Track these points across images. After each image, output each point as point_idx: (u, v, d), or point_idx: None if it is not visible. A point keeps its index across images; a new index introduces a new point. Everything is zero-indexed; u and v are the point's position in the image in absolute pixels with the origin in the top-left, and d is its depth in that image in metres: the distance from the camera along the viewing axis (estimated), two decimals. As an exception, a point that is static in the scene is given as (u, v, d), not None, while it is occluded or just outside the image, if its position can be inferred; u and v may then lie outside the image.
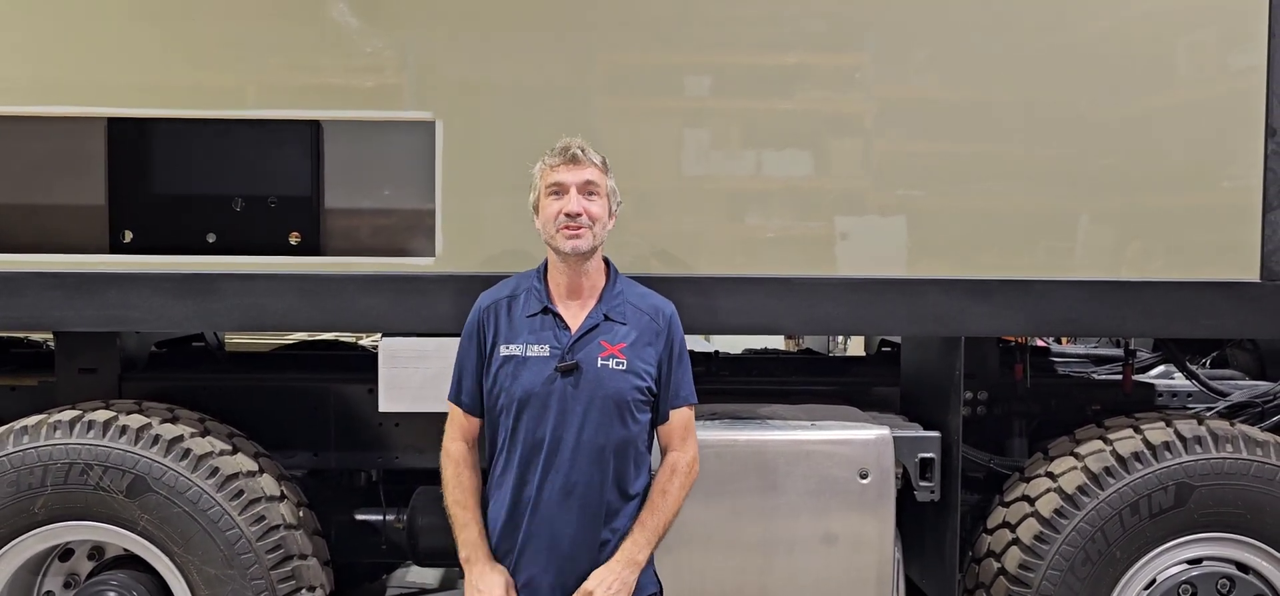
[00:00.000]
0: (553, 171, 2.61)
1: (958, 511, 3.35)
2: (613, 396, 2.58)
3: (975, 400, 3.79)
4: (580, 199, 2.58)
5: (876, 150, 3.25)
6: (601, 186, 2.63)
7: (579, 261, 2.62)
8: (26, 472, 3.16)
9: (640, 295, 2.72)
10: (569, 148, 2.61)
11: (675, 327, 2.71)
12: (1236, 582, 3.32)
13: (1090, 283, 3.25)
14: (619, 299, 2.67)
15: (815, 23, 3.24)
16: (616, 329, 2.63)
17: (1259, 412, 3.88)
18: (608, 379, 2.59)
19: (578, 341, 2.60)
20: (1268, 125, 3.20)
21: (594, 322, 2.63)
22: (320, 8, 3.19)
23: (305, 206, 3.42)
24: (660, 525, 2.63)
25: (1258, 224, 3.22)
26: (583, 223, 2.57)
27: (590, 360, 2.59)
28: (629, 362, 2.61)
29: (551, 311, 2.63)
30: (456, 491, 2.67)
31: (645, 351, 2.64)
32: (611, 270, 2.73)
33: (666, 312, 2.71)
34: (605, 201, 2.64)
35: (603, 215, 2.62)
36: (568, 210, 2.56)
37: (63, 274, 3.22)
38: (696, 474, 2.73)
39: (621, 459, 2.61)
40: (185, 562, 3.20)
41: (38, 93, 3.21)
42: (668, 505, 2.64)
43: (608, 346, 2.60)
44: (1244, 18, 3.19)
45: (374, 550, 3.81)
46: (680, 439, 2.71)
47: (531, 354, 2.59)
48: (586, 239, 2.58)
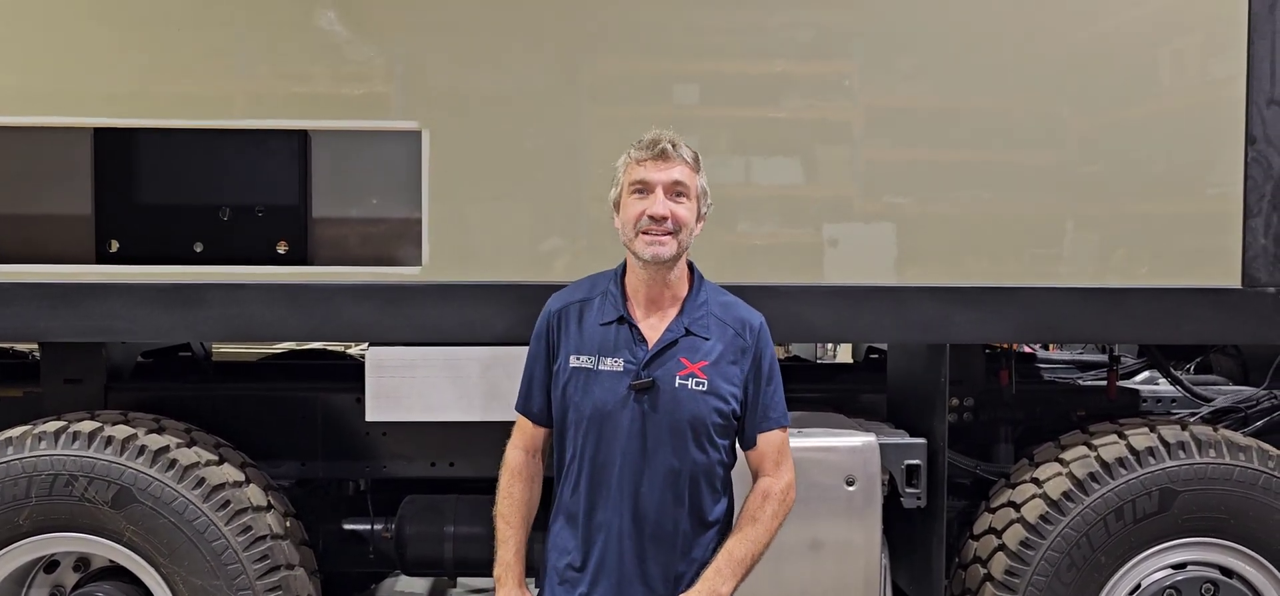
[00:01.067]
0: (639, 166, 2.37)
1: (944, 517, 3.37)
2: (690, 419, 2.36)
3: (961, 406, 3.81)
4: (667, 201, 2.33)
5: (863, 158, 3.26)
6: (691, 187, 2.38)
7: (661, 269, 2.38)
8: (11, 484, 3.15)
9: (725, 306, 2.48)
10: (659, 141, 2.36)
11: (764, 343, 2.48)
12: (1220, 587, 3.33)
13: (1074, 289, 3.27)
14: (702, 310, 2.44)
15: (802, 31, 3.26)
16: (699, 344, 2.40)
17: (1242, 418, 3.91)
18: (686, 400, 2.37)
19: (655, 357, 2.38)
20: (1248, 132, 3.23)
21: (674, 337, 2.40)
22: (307, 18, 3.19)
23: (293, 215, 3.42)
24: (749, 555, 2.38)
25: (1239, 230, 3.24)
26: (668, 227, 2.33)
27: (668, 378, 2.37)
28: (710, 383, 2.38)
29: (628, 321, 2.41)
30: (504, 503, 2.48)
31: (729, 371, 2.42)
32: (696, 276, 2.50)
33: (754, 326, 2.47)
34: (695, 204, 2.39)
35: (690, 219, 2.39)
36: (652, 212, 2.32)
37: (48, 284, 3.21)
38: (792, 502, 2.48)
39: (697, 486, 2.41)
40: (171, 573, 3.18)
41: (23, 103, 3.20)
42: (758, 534, 2.39)
43: (688, 364, 2.38)
44: (1224, 26, 3.22)
45: (362, 560, 3.79)
46: (773, 463, 2.47)
47: (604, 367, 2.38)
48: (670, 246, 2.34)
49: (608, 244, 3.20)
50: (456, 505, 3.71)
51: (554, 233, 3.19)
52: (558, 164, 3.21)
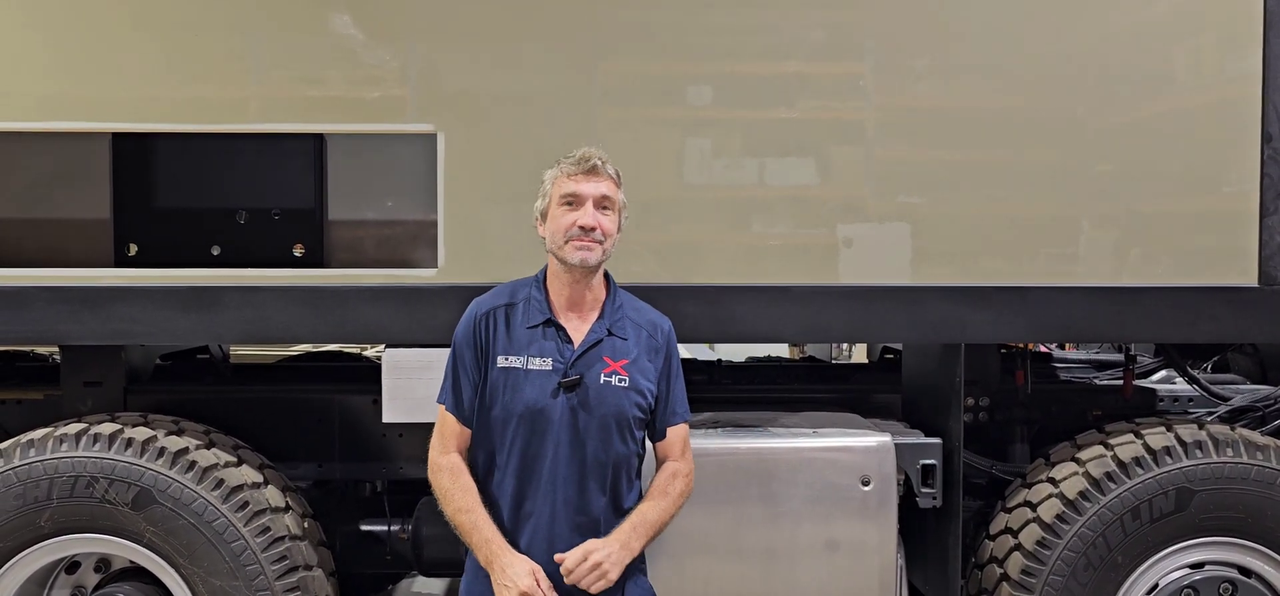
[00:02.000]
0: (569, 180, 2.55)
1: (960, 517, 3.36)
2: (615, 413, 2.56)
3: (977, 406, 3.80)
4: (595, 212, 2.53)
5: (877, 158, 3.26)
6: (615, 201, 2.59)
7: (584, 274, 2.58)
8: (33, 485, 3.18)
9: (637, 309, 2.70)
10: (589, 158, 2.55)
11: (672, 344, 2.70)
12: (1238, 586, 3.32)
13: (1090, 289, 3.26)
14: (620, 314, 2.64)
15: (816, 32, 3.26)
16: (618, 344, 2.60)
17: (1260, 417, 3.89)
18: (610, 395, 2.56)
19: (581, 356, 2.57)
20: (1264, 131, 3.22)
21: (598, 337, 2.59)
22: (323, 22, 3.22)
23: (309, 219, 3.44)
24: (658, 521, 2.60)
25: (1255, 229, 3.23)
26: (595, 237, 2.52)
27: (594, 376, 2.56)
28: (631, 379, 2.58)
29: (554, 323, 2.59)
30: (462, 497, 2.58)
31: (646, 367, 2.62)
32: (611, 283, 2.70)
33: (665, 328, 2.70)
34: (617, 216, 2.60)
35: (614, 230, 2.59)
36: (583, 223, 2.51)
37: (68, 288, 3.24)
38: (691, 489, 2.70)
39: (618, 475, 2.60)
40: (191, 574, 3.21)
41: (43, 108, 3.23)
42: (667, 505, 2.62)
43: (611, 362, 2.57)
44: (1240, 24, 3.21)
45: (379, 561, 3.81)
46: (679, 452, 2.70)
47: (533, 367, 2.55)
48: (596, 253, 2.54)
49: (622, 243, 3.22)
50: (472, 506, 3.72)
51: (569, 234, 3.19)
52: (572, 166, 3.22)
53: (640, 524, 2.57)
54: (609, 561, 2.50)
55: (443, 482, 2.62)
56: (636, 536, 2.55)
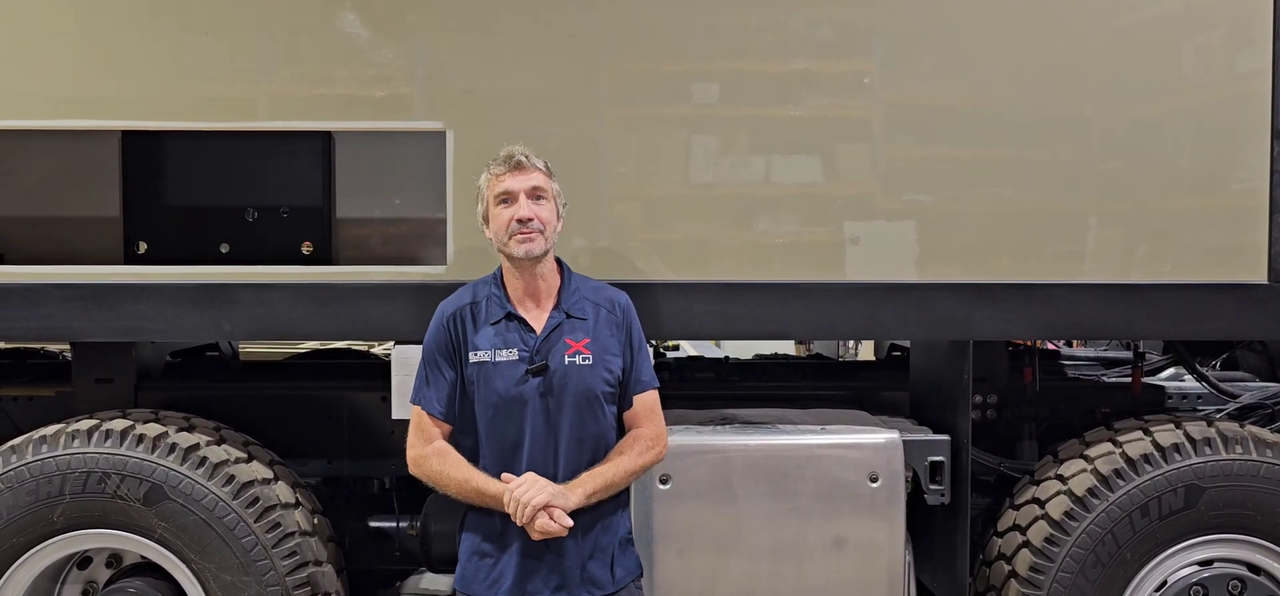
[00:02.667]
0: (499, 180, 2.68)
1: (968, 514, 3.36)
2: (583, 391, 2.65)
3: (985, 403, 3.80)
4: (529, 204, 2.64)
5: (884, 155, 3.26)
6: (548, 190, 2.69)
7: (533, 265, 2.68)
8: (45, 481, 3.20)
9: (594, 289, 2.79)
10: (513, 155, 2.69)
11: (632, 316, 2.78)
12: (1248, 584, 3.32)
13: (1098, 286, 3.26)
14: (576, 296, 2.74)
15: (823, 29, 3.26)
16: (578, 325, 2.69)
17: (1269, 414, 3.89)
18: (576, 375, 2.65)
19: (543, 342, 2.66)
20: (1274, 127, 3.21)
21: (557, 322, 2.69)
22: (331, 20, 3.23)
23: (317, 216, 3.45)
24: (607, 478, 2.63)
25: (1264, 226, 3.22)
26: (534, 227, 2.63)
27: (558, 358, 2.65)
28: (595, 356, 2.67)
29: (514, 315, 2.69)
30: (456, 469, 2.65)
31: (609, 342, 2.71)
32: (565, 269, 2.79)
33: (622, 303, 2.78)
34: (552, 204, 2.70)
35: (551, 218, 2.69)
36: (519, 216, 2.63)
37: (79, 285, 3.25)
38: (662, 452, 2.75)
39: (595, 453, 2.68)
40: (202, 569, 3.23)
41: (53, 107, 3.24)
42: (622, 463, 2.66)
43: (573, 343, 2.67)
44: (1249, 21, 3.20)
45: (387, 557, 3.83)
46: (645, 419, 2.75)
47: (500, 358, 2.65)
48: (539, 243, 2.65)
49: (629, 242, 3.23)
50: (481, 502, 3.74)
51: (576, 231, 3.20)
52: (580, 163, 3.23)
53: (586, 476, 2.62)
54: (536, 489, 2.55)
55: (433, 467, 2.70)
56: (578, 484, 2.61)
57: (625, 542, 2.76)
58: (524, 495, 2.55)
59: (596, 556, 2.68)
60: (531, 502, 2.54)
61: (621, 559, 2.73)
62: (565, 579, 2.64)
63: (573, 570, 2.64)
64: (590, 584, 2.67)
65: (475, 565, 2.71)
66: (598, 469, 2.66)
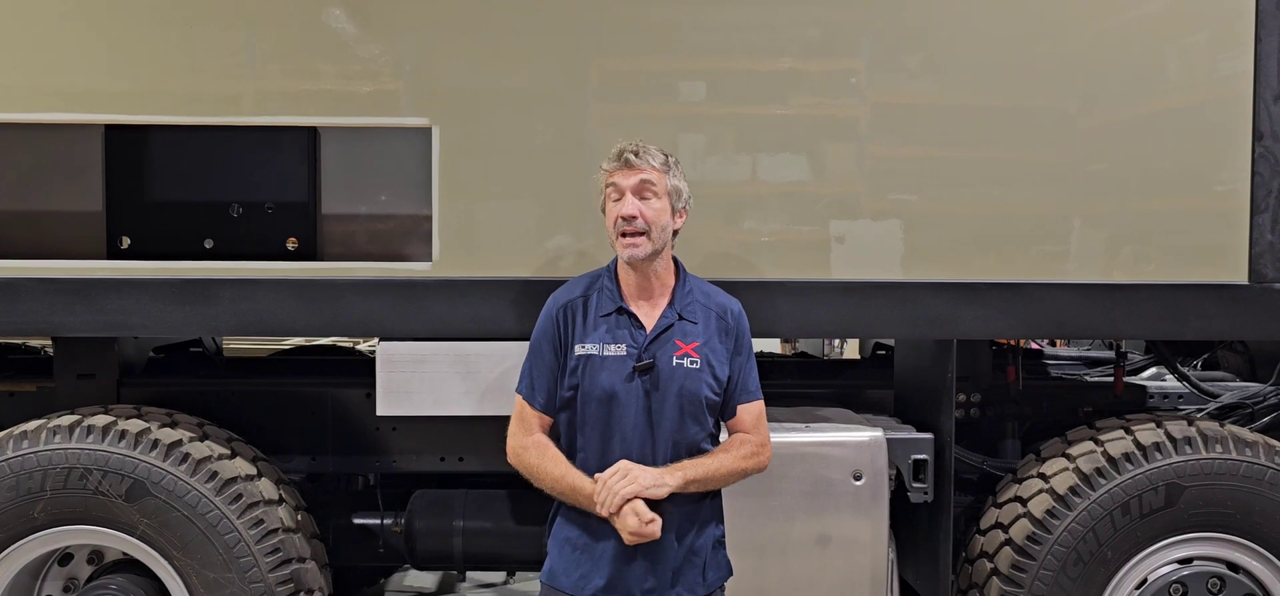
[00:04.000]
0: (609, 175, 2.62)
1: (951, 512, 3.38)
2: (689, 395, 2.59)
3: (968, 402, 3.82)
4: (635, 201, 2.56)
5: (870, 155, 3.27)
6: (660, 186, 2.60)
7: (644, 264, 2.61)
8: (26, 477, 3.18)
9: (707, 293, 2.72)
10: (623, 151, 2.61)
11: (743, 325, 2.72)
12: (1227, 582, 3.35)
13: (1081, 285, 3.28)
14: (690, 299, 2.67)
15: (809, 29, 3.27)
16: (689, 328, 2.63)
17: (1249, 413, 3.92)
18: (683, 377, 2.59)
19: (653, 341, 2.61)
20: (1255, 129, 3.24)
21: (669, 322, 2.63)
22: (317, 15, 3.21)
23: (302, 212, 3.44)
24: (707, 469, 2.58)
25: (1246, 227, 3.25)
26: (638, 227, 2.56)
27: (666, 359, 2.60)
28: (703, 361, 2.61)
29: (626, 311, 2.63)
30: (553, 465, 2.60)
31: (718, 349, 2.65)
32: (680, 269, 2.72)
33: (735, 310, 2.72)
34: (665, 201, 2.61)
35: (660, 217, 2.59)
36: (623, 213, 2.56)
37: (61, 280, 3.23)
38: (765, 461, 2.69)
39: (692, 457, 2.61)
40: (184, 566, 3.21)
41: (36, 100, 3.22)
42: (723, 460, 2.61)
43: (682, 345, 2.61)
44: (1231, 23, 3.22)
45: (372, 554, 3.82)
46: (751, 428, 2.70)
47: (609, 353, 2.59)
48: (643, 247, 2.57)
49: (616, 240, 3.21)
50: (465, 500, 3.74)
51: (562, 229, 3.21)
52: (566, 161, 3.23)
53: (687, 463, 2.58)
54: (639, 471, 2.51)
55: (530, 460, 2.64)
56: (677, 468, 2.56)
57: (718, 544, 2.70)
58: (615, 483, 2.49)
59: (690, 560, 2.62)
60: (621, 492, 2.48)
61: (713, 562, 2.67)
62: (658, 581, 2.57)
63: (665, 573, 2.58)
64: (682, 585, 2.60)
65: (566, 559, 2.62)
66: (699, 458, 2.59)
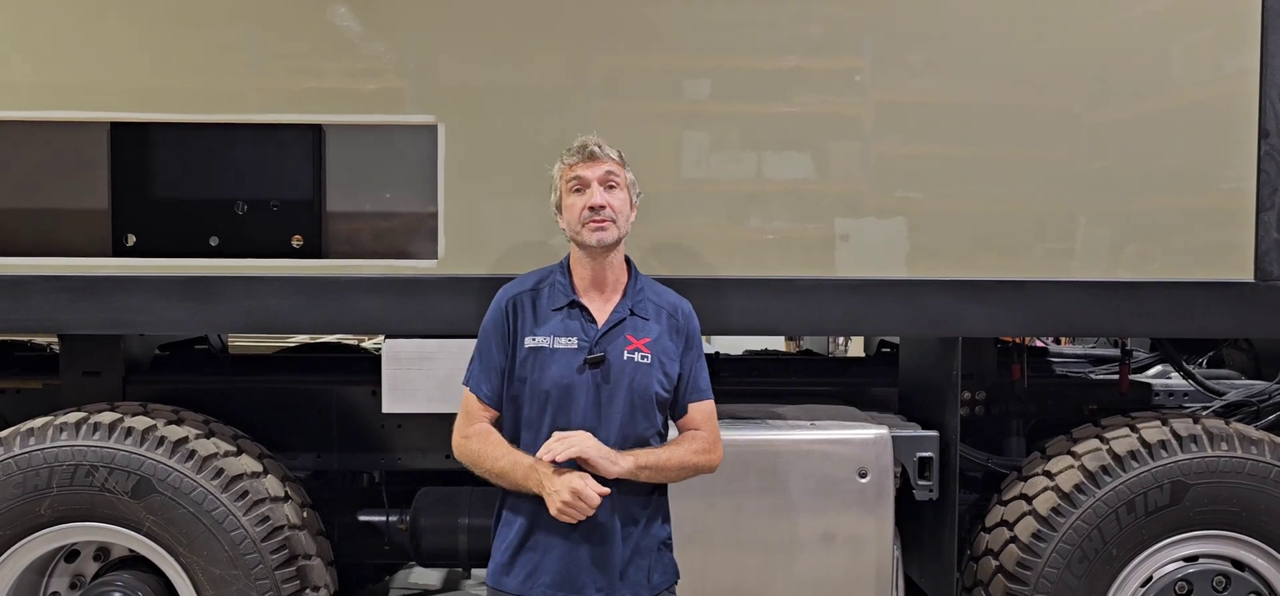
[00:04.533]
0: (572, 169, 2.64)
1: (956, 510, 3.38)
2: (639, 389, 2.61)
3: (973, 400, 3.82)
4: (603, 191, 2.61)
5: (875, 153, 3.27)
6: (621, 178, 2.66)
7: (604, 254, 2.64)
8: (33, 474, 3.19)
9: (659, 292, 2.75)
10: (587, 145, 2.64)
11: (694, 324, 2.75)
12: (1232, 579, 3.34)
13: (1086, 283, 3.28)
14: (642, 296, 2.70)
15: (813, 27, 3.26)
16: (641, 324, 2.65)
17: (1254, 411, 3.92)
18: (634, 372, 2.61)
19: (605, 335, 2.62)
20: (1261, 127, 3.23)
21: (621, 316, 2.64)
22: (322, 13, 3.22)
23: (307, 210, 3.44)
24: (659, 459, 2.59)
25: (1252, 225, 3.25)
26: (607, 215, 2.59)
27: (617, 353, 2.61)
28: (654, 357, 2.63)
29: (578, 304, 2.65)
30: (495, 448, 2.59)
31: (669, 347, 2.67)
32: (632, 267, 2.75)
33: (685, 309, 2.75)
34: (626, 193, 2.67)
35: (624, 207, 2.65)
36: (592, 203, 2.59)
37: (67, 277, 3.24)
38: (717, 460, 2.71)
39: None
40: (190, 563, 3.22)
41: (41, 98, 3.23)
42: (675, 452, 2.62)
43: (634, 340, 2.63)
44: (1238, 21, 3.22)
45: (377, 551, 3.82)
46: (702, 426, 2.72)
47: (559, 345, 2.61)
48: (612, 231, 2.60)
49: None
50: (470, 497, 3.74)
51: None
52: (572, 158, 3.23)
53: (640, 451, 2.58)
54: (597, 442, 2.51)
55: (474, 447, 2.64)
56: (630, 454, 2.56)
57: (664, 545, 2.71)
58: (573, 439, 2.48)
59: (636, 559, 2.62)
60: (578, 445, 2.47)
61: (659, 564, 2.67)
62: (605, 579, 2.57)
63: (612, 570, 2.57)
64: (627, 586, 2.60)
65: (511, 558, 2.62)
66: (653, 448, 2.61)
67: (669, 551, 2.73)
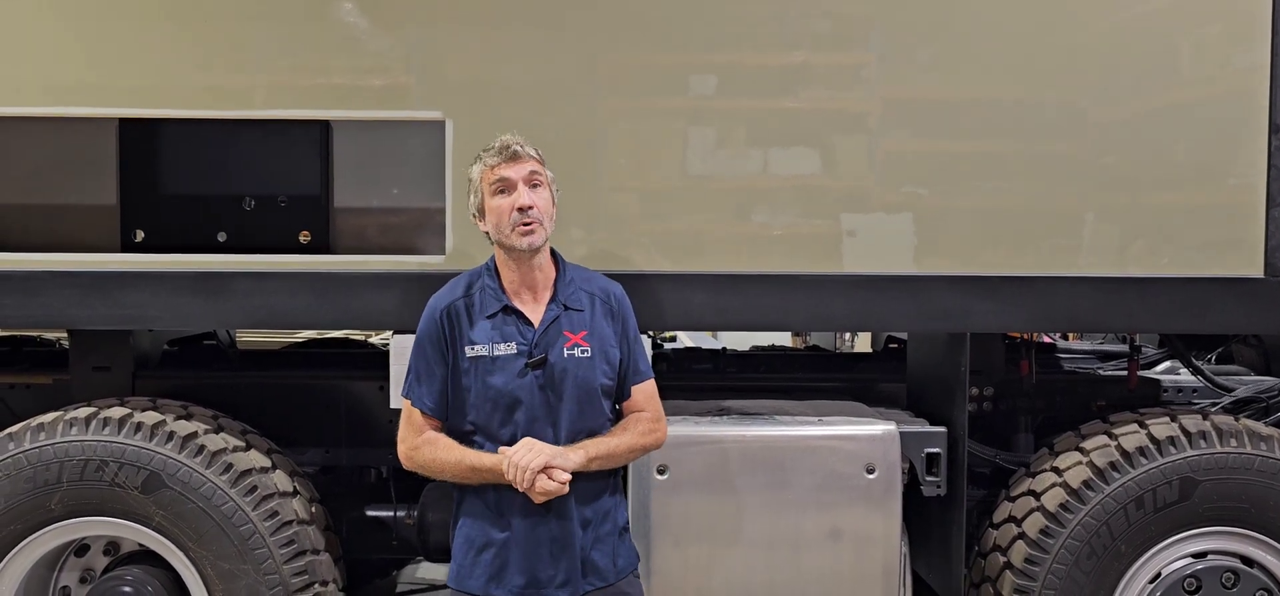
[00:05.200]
0: (495, 171, 2.63)
1: (964, 506, 3.38)
2: (583, 384, 2.62)
3: (981, 396, 3.81)
4: (528, 191, 2.60)
5: (882, 148, 3.27)
6: (544, 177, 2.66)
7: (532, 256, 2.64)
8: (43, 469, 3.20)
9: (588, 280, 2.75)
10: (509, 145, 2.64)
11: (627, 308, 2.75)
12: (1241, 576, 3.34)
13: (1095, 279, 3.27)
14: (572, 287, 2.70)
15: (820, 22, 3.26)
16: (575, 317, 2.66)
17: (1264, 407, 3.91)
18: (576, 368, 2.62)
19: (542, 335, 2.63)
20: (1271, 122, 3.22)
21: (555, 315, 2.65)
22: (329, 8, 3.22)
23: (315, 205, 3.45)
24: (608, 447, 2.62)
25: (1261, 220, 3.24)
26: (535, 216, 2.59)
27: (557, 352, 2.62)
28: (593, 349, 2.64)
29: (511, 309, 2.65)
30: (447, 451, 2.62)
31: (606, 333, 2.68)
32: (559, 259, 2.75)
33: (617, 293, 2.75)
34: (549, 192, 2.67)
35: (548, 206, 2.65)
36: (520, 204, 2.58)
37: (77, 273, 3.25)
38: (662, 437, 2.74)
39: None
40: (199, 558, 3.23)
41: (50, 94, 3.24)
42: (623, 439, 2.65)
43: (571, 336, 2.63)
44: (1247, 15, 3.21)
45: (384, 546, 3.83)
46: (645, 406, 2.74)
47: (499, 352, 2.60)
48: (540, 233, 2.61)
49: (627, 233, 3.24)
50: (478, 492, 3.74)
51: (574, 222, 3.20)
52: (578, 154, 3.23)
53: (588, 442, 2.61)
54: (544, 446, 2.54)
55: (425, 455, 2.67)
56: (580, 447, 2.59)
57: (624, 531, 2.75)
58: (522, 458, 2.51)
59: (598, 546, 2.66)
60: (531, 465, 2.50)
61: (621, 548, 2.72)
62: (569, 570, 2.61)
63: (576, 560, 2.61)
64: (593, 574, 2.64)
65: (473, 559, 2.65)
66: (600, 438, 2.63)
67: (628, 536, 2.76)
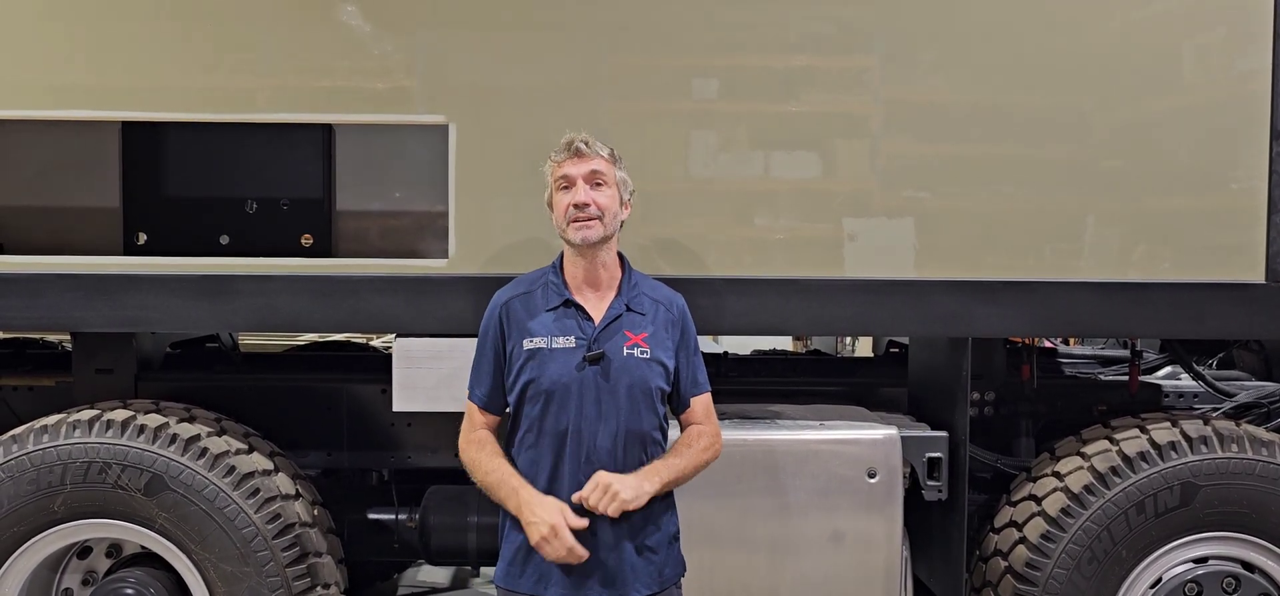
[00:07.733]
0: (559, 166, 2.66)
1: (965, 510, 3.38)
2: (639, 384, 2.62)
3: (982, 400, 3.81)
4: (587, 189, 2.61)
5: (884, 153, 3.27)
6: (609, 176, 2.66)
7: (593, 252, 2.64)
8: (46, 471, 3.20)
9: (652, 287, 2.76)
10: (573, 142, 2.65)
11: (687, 318, 2.77)
12: (1242, 581, 3.34)
13: (1096, 284, 3.27)
14: (636, 291, 2.71)
15: (823, 26, 3.26)
16: (637, 319, 2.66)
17: (1265, 413, 3.91)
18: (634, 367, 2.62)
19: (602, 331, 2.63)
20: (1273, 128, 3.22)
21: (617, 313, 2.65)
22: (332, 12, 3.23)
23: (317, 209, 3.46)
24: (678, 469, 2.64)
25: (1263, 226, 3.24)
26: (591, 212, 2.60)
27: (616, 349, 2.62)
28: (652, 352, 2.64)
29: (573, 303, 2.66)
30: (489, 460, 2.63)
31: (665, 341, 2.68)
32: (625, 263, 2.76)
33: (679, 304, 2.77)
34: (615, 191, 2.66)
35: (612, 205, 2.65)
36: (576, 201, 2.60)
37: (80, 275, 3.26)
38: (719, 451, 2.75)
39: (643, 447, 2.64)
40: (202, 560, 3.23)
41: (53, 97, 3.25)
42: (688, 458, 2.66)
43: (631, 336, 2.63)
44: (1249, 21, 3.21)
45: (386, 549, 3.84)
46: (703, 419, 2.76)
47: (557, 345, 2.61)
48: (596, 229, 2.61)
49: (629, 236, 3.24)
50: (480, 496, 3.72)
51: (577, 225, 3.21)
52: (582, 158, 3.23)
53: (659, 465, 2.62)
54: (620, 484, 2.53)
55: (471, 455, 2.68)
56: (653, 473, 2.59)
57: (673, 539, 2.72)
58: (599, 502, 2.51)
59: (645, 555, 2.62)
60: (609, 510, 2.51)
61: (669, 559, 2.69)
62: (616, 578, 2.58)
63: (624, 569, 2.59)
64: (640, 582, 2.61)
65: (521, 561, 2.62)
66: (669, 459, 2.63)
67: (677, 545, 2.74)
